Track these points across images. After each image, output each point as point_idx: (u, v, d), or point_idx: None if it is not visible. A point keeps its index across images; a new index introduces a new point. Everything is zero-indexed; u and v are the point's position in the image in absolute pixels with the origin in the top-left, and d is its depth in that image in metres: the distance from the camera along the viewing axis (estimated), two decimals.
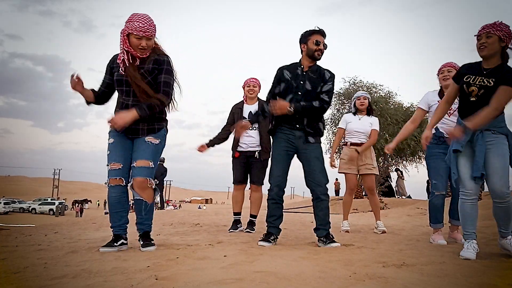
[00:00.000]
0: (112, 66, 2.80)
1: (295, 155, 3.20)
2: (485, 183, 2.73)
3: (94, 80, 3.40)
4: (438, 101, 3.45)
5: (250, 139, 4.13)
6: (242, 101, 4.30)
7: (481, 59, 2.67)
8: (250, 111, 4.16)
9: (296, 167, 3.25)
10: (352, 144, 4.46)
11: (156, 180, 2.80)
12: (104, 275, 1.92)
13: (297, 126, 3.10)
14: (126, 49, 2.66)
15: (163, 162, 11.49)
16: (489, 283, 1.83)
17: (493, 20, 2.60)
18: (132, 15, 2.64)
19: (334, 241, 3.03)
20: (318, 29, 3.12)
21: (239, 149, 4.16)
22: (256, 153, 4.10)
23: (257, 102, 4.23)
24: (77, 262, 2.27)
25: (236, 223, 4.27)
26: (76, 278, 1.87)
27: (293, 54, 3.34)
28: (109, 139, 2.81)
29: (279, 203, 3.18)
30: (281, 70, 3.21)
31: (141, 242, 2.77)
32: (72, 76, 2.69)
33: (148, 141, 2.75)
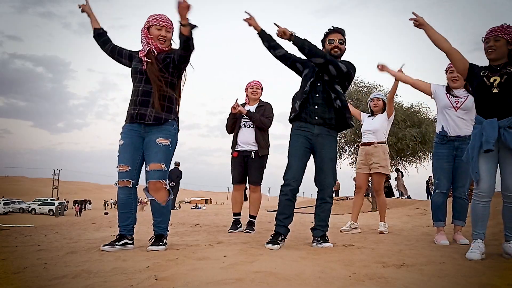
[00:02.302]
0: (133, 54, 2.95)
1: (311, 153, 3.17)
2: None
3: (94, 81, 3.47)
4: (446, 94, 3.48)
5: (246, 137, 4.15)
6: (244, 102, 4.34)
7: (484, 64, 2.69)
8: (260, 107, 4.27)
9: None
10: (362, 144, 4.58)
11: (172, 182, 2.86)
12: (104, 275, 1.92)
13: (316, 118, 3.06)
14: (149, 41, 2.81)
15: (179, 165, 12.32)
16: (489, 283, 1.83)
17: (492, 21, 2.63)
18: (150, 15, 2.88)
19: (327, 241, 3.04)
20: (332, 28, 3.16)
21: (237, 148, 4.18)
22: (253, 153, 4.11)
23: (258, 103, 4.30)
24: (77, 263, 2.27)
25: (235, 224, 4.27)
26: (76, 278, 1.87)
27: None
28: (119, 140, 2.85)
29: (292, 200, 3.05)
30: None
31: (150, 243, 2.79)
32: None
33: (159, 143, 2.79)
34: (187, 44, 2.69)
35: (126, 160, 2.81)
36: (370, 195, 12.27)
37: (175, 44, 2.88)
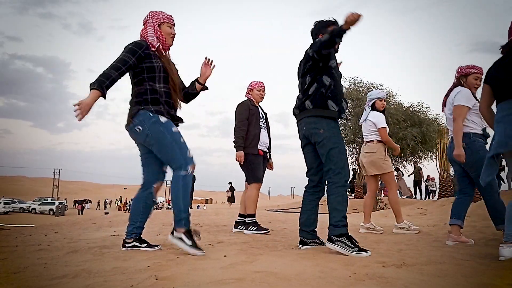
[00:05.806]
0: (146, 52, 2.64)
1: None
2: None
3: None
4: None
5: (263, 138, 4.19)
6: (252, 101, 4.27)
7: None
8: (265, 113, 4.35)
9: (296, 167, 3.24)
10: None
11: None
12: (104, 275, 1.92)
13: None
14: (162, 38, 2.76)
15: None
16: (489, 283, 1.83)
17: (491, 21, 2.61)
18: (153, 11, 2.79)
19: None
20: (333, 20, 2.97)
21: (260, 147, 4.15)
22: (267, 153, 4.24)
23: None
24: (77, 262, 2.27)
25: (258, 223, 4.17)
26: (76, 278, 1.87)
27: (288, 55, 3.34)
28: (173, 128, 2.64)
29: None
30: None
31: (144, 244, 2.77)
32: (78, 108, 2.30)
33: None
34: (193, 98, 3.00)
35: None
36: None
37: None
